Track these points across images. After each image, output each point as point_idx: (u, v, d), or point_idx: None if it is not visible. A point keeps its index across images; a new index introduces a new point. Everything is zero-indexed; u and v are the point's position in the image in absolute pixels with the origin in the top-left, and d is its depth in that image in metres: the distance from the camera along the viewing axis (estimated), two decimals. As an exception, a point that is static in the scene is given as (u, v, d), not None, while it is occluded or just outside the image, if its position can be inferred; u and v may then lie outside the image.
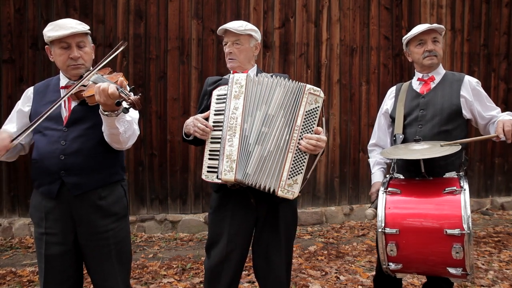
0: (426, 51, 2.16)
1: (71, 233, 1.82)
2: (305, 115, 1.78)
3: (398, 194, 1.91)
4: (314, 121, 1.80)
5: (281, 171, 1.76)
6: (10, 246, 4.06)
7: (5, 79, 4.26)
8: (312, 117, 1.79)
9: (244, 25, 2.02)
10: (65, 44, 1.80)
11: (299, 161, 1.77)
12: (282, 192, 1.75)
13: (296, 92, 1.80)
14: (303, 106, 1.78)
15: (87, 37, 1.88)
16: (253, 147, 1.79)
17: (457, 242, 1.71)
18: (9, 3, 4.23)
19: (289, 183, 1.75)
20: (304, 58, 4.87)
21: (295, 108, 1.79)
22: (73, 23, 1.82)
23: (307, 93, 1.78)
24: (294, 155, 1.77)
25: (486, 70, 5.39)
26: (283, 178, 1.75)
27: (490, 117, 2.14)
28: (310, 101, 1.78)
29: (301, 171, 1.77)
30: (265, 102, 1.82)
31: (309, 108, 1.78)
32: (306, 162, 1.78)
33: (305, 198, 4.93)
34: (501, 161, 5.52)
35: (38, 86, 1.94)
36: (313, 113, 1.79)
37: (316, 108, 1.79)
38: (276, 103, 1.81)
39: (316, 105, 1.79)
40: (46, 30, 1.81)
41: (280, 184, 1.75)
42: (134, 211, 4.48)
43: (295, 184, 1.76)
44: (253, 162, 1.78)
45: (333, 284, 3.14)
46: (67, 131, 1.79)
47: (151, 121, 4.52)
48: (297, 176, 1.76)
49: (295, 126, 1.78)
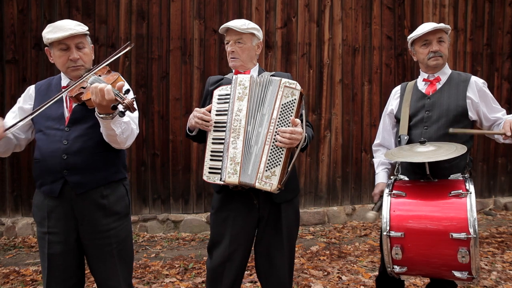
0: (431, 51, 2.14)
1: (74, 232, 1.83)
2: (281, 108, 1.80)
3: (403, 196, 1.90)
4: (291, 113, 1.80)
5: (258, 164, 1.77)
6: (13, 245, 4.08)
7: (8, 79, 4.27)
8: (288, 110, 1.80)
9: (246, 24, 2.02)
10: (64, 46, 1.81)
11: (276, 153, 1.78)
12: (259, 184, 1.75)
13: (274, 85, 1.82)
14: (279, 99, 1.80)
15: (86, 38, 1.87)
16: (253, 149, 1.80)
17: (463, 246, 1.70)
18: (12, 4, 4.24)
19: (267, 175, 1.76)
20: (306, 58, 4.87)
21: (272, 101, 1.81)
22: (71, 24, 1.82)
23: (282, 86, 1.80)
24: (271, 148, 1.78)
25: (489, 69, 5.37)
26: (260, 170, 1.76)
27: (495, 119, 2.13)
28: (286, 94, 1.80)
29: (278, 163, 1.77)
30: (261, 102, 1.84)
31: (285, 101, 1.80)
32: (283, 154, 1.78)
33: (307, 198, 4.93)
34: (504, 161, 5.51)
35: (40, 85, 1.94)
36: (289, 106, 1.80)
37: (293, 101, 1.80)
38: (267, 101, 1.82)
39: (293, 97, 1.80)
40: (45, 32, 1.81)
41: (257, 176, 1.76)
42: (137, 210, 4.48)
43: (273, 176, 1.76)
44: (251, 163, 1.79)
45: (335, 284, 3.14)
46: (69, 130, 1.80)
47: (154, 121, 4.52)
48: (274, 168, 1.76)
49: (271, 119, 1.80)
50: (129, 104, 1.57)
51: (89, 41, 1.90)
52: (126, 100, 1.56)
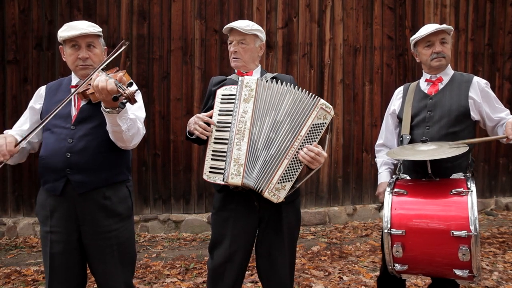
0: (434, 52, 2.15)
1: (76, 232, 1.83)
2: (311, 128, 1.80)
3: (405, 195, 1.90)
4: (318, 135, 1.81)
5: (273, 174, 1.78)
6: (14, 245, 4.08)
7: (10, 80, 4.28)
8: (317, 131, 1.81)
9: (250, 25, 2.02)
10: (75, 44, 1.85)
11: (292, 169, 1.79)
12: (268, 194, 1.77)
13: (308, 102, 1.81)
14: (311, 118, 1.80)
15: (98, 39, 1.91)
16: (260, 152, 1.80)
17: (463, 243, 1.70)
18: (14, 4, 4.25)
19: (277, 187, 1.78)
20: (307, 58, 4.87)
21: (303, 118, 1.80)
22: (85, 25, 1.86)
23: (318, 107, 1.80)
24: (290, 162, 1.79)
25: (490, 69, 5.37)
26: (273, 181, 1.77)
27: (499, 119, 2.13)
28: (319, 115, 1.80)
29: (291, 179, 1.79)
30: (274, 108, 1.82)
31: (317, 122, 1.80)
32: (299, 172, 1.81)
33: (308, 198, 4.92)
34: (505, 161, 5.50)
35: (51, 85, 1.98)
36: (319, 128, 1.81)
37: (323, 124, 1.81)
38: (284, 110, 1.81)
39: (324, 121, 1.81)
40: (59, 31, 1.87)
41: (268, 186, 1.77)
42: (138, 211, 4.49)
43: (283, 190, 1.78)
44: (258, 167, 1.79)
45: (336, 284, 3.13)
46: (74, 129, 1.81)
47: (155, 121, 4.52)
48: (286, 182, 1.79)
49: (299, 135, 1.79)
50: (130, 95, 1.58)
51: (101, 42, 1.94)
52: (127, 91, 1.58)
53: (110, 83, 1.59)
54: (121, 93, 1.57)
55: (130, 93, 1.58)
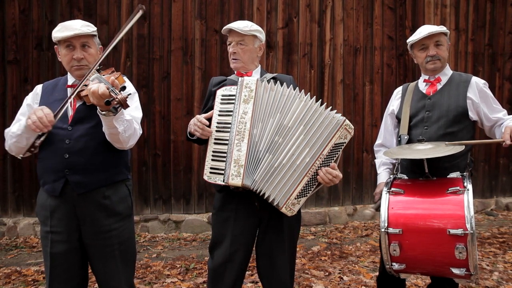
0: (428, 56, 2.15)
1: (76, 232, 1.83)
2: (332, 147, 1.81)
3: (402, 194, 1.91)
4: (336, 154, 1.83)
5: (292, 191, 1.79)
6: (15, 245, 4.09)
7: (10, 80, 4.29)
8: (336, 150, 1.82)
9: (249, 26, 2.01)
10: (69, 45, 1.83)
11: (310, 185, 1.82)
12: (285, 209, 1.79)
13: (333, 121, 1.79)
14: (335, 138, 1.80)
15: (93, 39, 1.89)
16: (263, 155, 1.79)
17: (460, 242, 1.71)
18: (14, 4, 4.26)
19: (293, 203, 1.80)
20: (307, 58, 4.87)
21: (327, 138, 1.79)
22: (78, 24, 1.84)
23: (343, 128, 1.80)
24: (309, 180, 1.81)
25: (490, 70, 5.36)
26: (291, 197, 1.79)
27: (496, 119, 2.13)
28: (341, 135, 1.81)
29: (306, 195, 1.83)
30: (279, 111, 1.81)
31: (338, 141, 1.81)
32: (313, 189, 1.84)
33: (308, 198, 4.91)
34: (505, 162, 5.49)
35: (47, 84, 1.97)
36: (339, 147, 1.82)
37: (342, 144, 1.82)
38: (294, 115, 1.80)
39: (344, 140, 1.82)
40: (53, 31, 1.85)
41: (286, 202, 1.79)
42: (138, 211, 4.49)
43: (297, 205, 1.82)
44: (261, 170, 1.78)
45: (336, 284, 3.13)
46: (72, 130, 1.81)
47: (155, 121, 4.53)
48: (302, 198, 1.82)
49: (321, 154, 1.80)
50: (122, 100, 1.56)
51: (96, 42, 1.93)
52: (119, 96, 1.56)
53: (102, 87, 1.57)
54: (114, 97, 1.56)
55: (122, 98, 1.57)
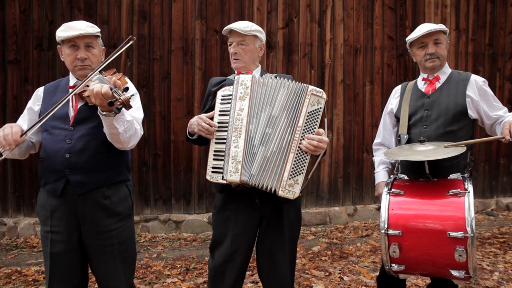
0: (427, 54, 2.15)
1: (76, 232, 1.84)
2: (307, 116, 1.79)
3: (402, 195, 1.90)
4: (316, 122, 1.80)
5: (282, 171, 1.77)
6: (15, 245, 4.09)
7: (10, 80, 4.29)
8: (314, 118, 1.80)
9: (249, 26, 2.02)
10: (73, 45, 1.85)
11: (300, 161, 1.78)
12: (283, 192, 1.76)
13: (298, 93, 1.80)
14: (305, 107, 1.78)
15: (96, 40, 1.91)
16: (257, 148, 1.80)
17: (460, 244, 1.70)
18: (14, 4, 4.26)
19: (290, 183, 1.77)
20: (308, 58, 4.87)
21: (297, 109, 1.79)
22: (83, 25, 1.86)
23: (309, 94, 1.79)
24: (296, 156, 1.78)
25: (491, 70, 5.36)
26: (284, 178, 1.76)
27: (497, 117, 2.12)
28: (312, 102, 1.79)
29: (302, 172, 1.78)
30: (269, 103, 1.82)
31: (311, 109, 1.79)
32: (307, 163, 1.79)
33: (308, 198, 4.92)
34: (506, 162, 5.48)
35: (49, 86, 1.98)
36: (315, 114, 1.80)
37: (318, 109, 1.80)
38: (279, 104, 1.81)
39: (318, 106, 1.80)
40: (58, 31, 1.86)
41: (281, 184, 1.76)
42: (138, 211, 4.50)
43: (296, 184, 1.77)
44: (256, 163, 1.78)
45: (336, 284, 3.14)
46: (73, 130, 1.82)
47: (155, 121, 4.53)
48: (298, 176, 1.78)
49: (297, 126, 1.78)
50: (125, 101, 1.57)
51: (100, 43, 1.94)
52: (122, 97, 1.57)
53: (105, 88, 1.58)
54: (117, 98, 1.57)
55: (125, 98, 1.57)
